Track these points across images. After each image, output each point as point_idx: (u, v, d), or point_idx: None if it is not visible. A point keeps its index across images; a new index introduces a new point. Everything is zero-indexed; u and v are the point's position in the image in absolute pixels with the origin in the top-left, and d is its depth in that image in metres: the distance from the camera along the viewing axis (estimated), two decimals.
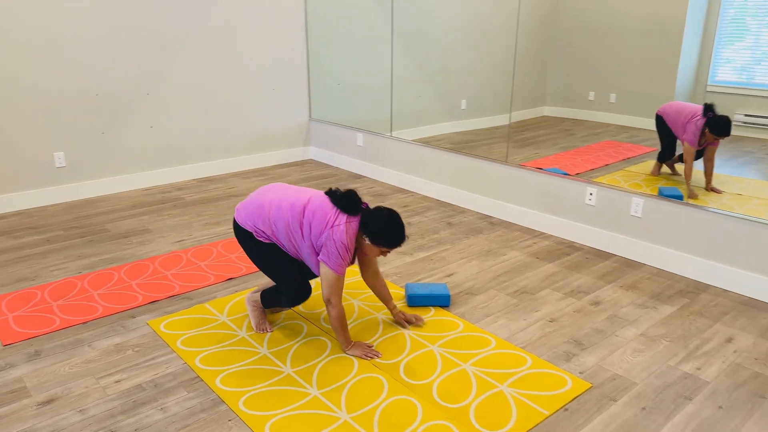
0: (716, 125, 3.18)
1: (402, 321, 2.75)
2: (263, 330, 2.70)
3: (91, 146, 4.58)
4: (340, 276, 2.41)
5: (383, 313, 2.88)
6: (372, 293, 3.08)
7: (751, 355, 2.57)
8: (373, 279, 2.68)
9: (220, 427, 2.11)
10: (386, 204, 4.51)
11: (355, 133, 5.33)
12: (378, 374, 2.40)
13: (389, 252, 2.45)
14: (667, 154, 3.51)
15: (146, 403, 2.24)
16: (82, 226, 4.03)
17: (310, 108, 5.80)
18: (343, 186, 4.97)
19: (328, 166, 5.63)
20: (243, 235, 2.58)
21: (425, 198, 4.68)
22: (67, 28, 4.28)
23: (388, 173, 5.07)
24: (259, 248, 2.55)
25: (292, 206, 2.48)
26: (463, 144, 4.53)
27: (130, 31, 4.56)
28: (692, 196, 3.29)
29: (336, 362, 2.48)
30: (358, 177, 5.27)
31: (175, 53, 4.82)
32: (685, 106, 3.33)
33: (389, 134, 5.03)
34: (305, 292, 2.57)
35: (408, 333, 2.71)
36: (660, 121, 3.48)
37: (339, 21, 5.28)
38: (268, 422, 2.12)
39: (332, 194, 2.46)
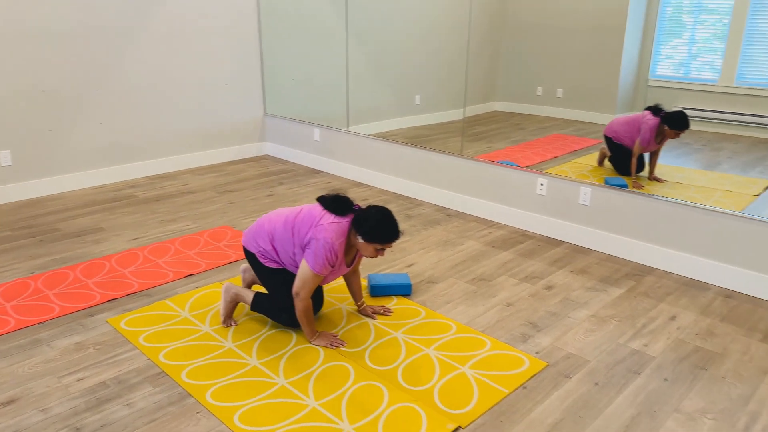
0: (675, 120, 3.31)
1: (370, 314, 2.80)
2: (228, 324, 2.71)
3: (38, 144, 4.45)
4: (317, 274, 2.43)
5: (347, 304, 2.93)
6: (337, 286, 3.12)
7: (693, 331, 2.75)
8: (351, 275, 2.75)
9: (188, 420, 2.12)
10: None
11: (312, 128, 5.35)
12: (344, 362, 2.45)
13: (384, 250, 2.45)
14: (621, 167, 3.63)
15: (111, 399, 2.22)
16: (31, 225, 3.92)
17: (264, 103, 5.78)
18: (300, 181, 4.99)
19: (284, 162, 5.63)
20: (250, 257, 2.65)
21: (383, 191, 4.75)
22: (9, 21, 4.14)
23: (346, 168, 5.11)
24: (264, 269, 2.61)
25: (285, 218, 2.55)
26: (418, 138, 4.61)
27: (78, 25, 4.45)
28: (637, 187, 3.46)
29: (302, 352, 2.52)
30: (316, 172, 5.29)
31: (124, 48, 4.73)
32: (631, 116, 3.47)
33: (346, 129, 5.07)
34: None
35: (372, 322, 2.77)
36: (609, 141, 3.62)
37: (292, 15, 5.28)
38: (237, 412, 2.14)
39: (322, 198, 2.52)
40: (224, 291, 2.71)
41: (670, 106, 3.35)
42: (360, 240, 2.42)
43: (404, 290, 3.01)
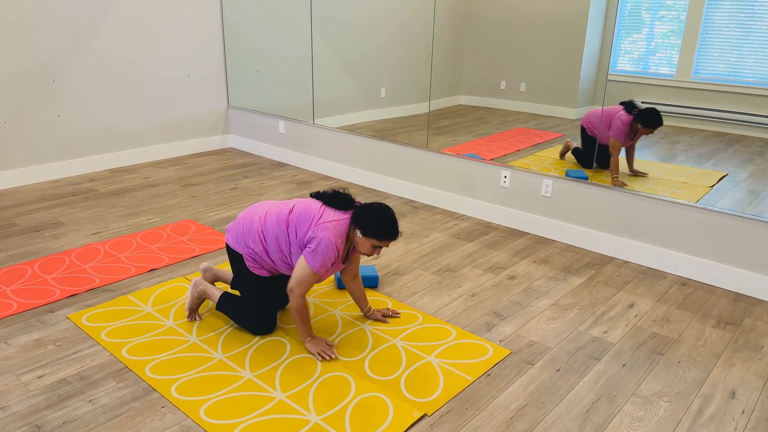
0: (649, 118, 3.35)
1: (380, 317, 2.72)
2: (193, 319, 2.68)
3: None
4: (316, 274, 2.34)
5: (314, 296, 2.93)
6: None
7: (650, 318, 2.84)
8: (351, 281, 2.64)
9: (153, 414, 2.10)
10: (311, 191, 4.54)
11: (277, 120, 5.30)
12: (310, 355, 2.45)
13: (381, 248, 2.40)
14: (585, 160, 3.70)
15: (73, 396, 2.18)
16: None
17: (227, 95, 5.70)
18: (266, 174, 4.95)
19: (249, 155, 5.57)
20: (234, 256, 2.55)
21: (350, 185, 4.75)
22: None
23: (313, 161, 5.09)
24: (246, 274, 2.54)
25: (277, 216, 2.44)
26: (384, 132, 4.63)
27: (34, 14, 4.30)
28: (619, 185, 3.48)
29: (268, 346, 2.51)
30: (282, 165, 5.26)
31: (83, 37, 4.60)
32: (606, 109, 3.51)
33: (312, 122, 5.04)
34: (270, 326, 2.58)
35: (339, 314, 2.78)
36: (583, 131, 3.68)
37: (256, 6, 5.21)
38: (203, 406, 2.13)
39: (319, 195, 2.45)
40: (192, 285, 2.67)
41: (631, 99, 3.44)
42: (359, 235, 2.35)
43: (371, 282, 3.02)
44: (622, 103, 3.44)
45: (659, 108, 3.35)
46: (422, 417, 2.12)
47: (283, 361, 2.41)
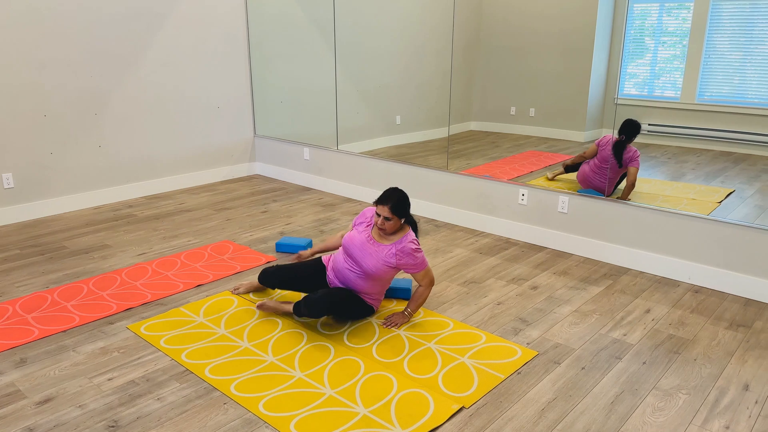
0: (634, 128, 3.70)
1: (389, 316, 3.00)
2: (238, 292, 3.19)
3: (39, 166, 4.60)
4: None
5: None
6: None
7: (666, 321, 3.04)
8: (417, 287, 3.00)
9: (217, 410, 2.31)
10: (337, 212, 4.79)
11: (302, 147, 5.59)
12: (353, 356, 2.67)
13: (381, 218, 2.82)
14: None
15: (142, 395, 2.40)
16: (38, 244, 4.06)
17: (254, 124, 6.01)
18: (293, 198, 5.21)
19: (275, 180, 5.85)
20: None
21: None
22: (14, 50, 4.32)
23: (336, 185, 5.35)
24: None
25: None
26: (400, 157, 4.89)
27: (78, 53, 4.64)
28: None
29: (315, 349, 2.73)
30: (307, 189, 5.52)
31: (122, 74, 4.93)
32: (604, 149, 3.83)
33: (336, 148, 5.32)
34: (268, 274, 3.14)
35: (375, 322, 3.00)
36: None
37: (279, 41, 5.55)
38: (261, 401, 2.34)
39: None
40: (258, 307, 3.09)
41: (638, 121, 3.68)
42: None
43: (404, 294, 3.24)
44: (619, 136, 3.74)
45: (666, 129, 3.57)
46: (461, 409, 2.32)
47: (329, 362, 2.62)
